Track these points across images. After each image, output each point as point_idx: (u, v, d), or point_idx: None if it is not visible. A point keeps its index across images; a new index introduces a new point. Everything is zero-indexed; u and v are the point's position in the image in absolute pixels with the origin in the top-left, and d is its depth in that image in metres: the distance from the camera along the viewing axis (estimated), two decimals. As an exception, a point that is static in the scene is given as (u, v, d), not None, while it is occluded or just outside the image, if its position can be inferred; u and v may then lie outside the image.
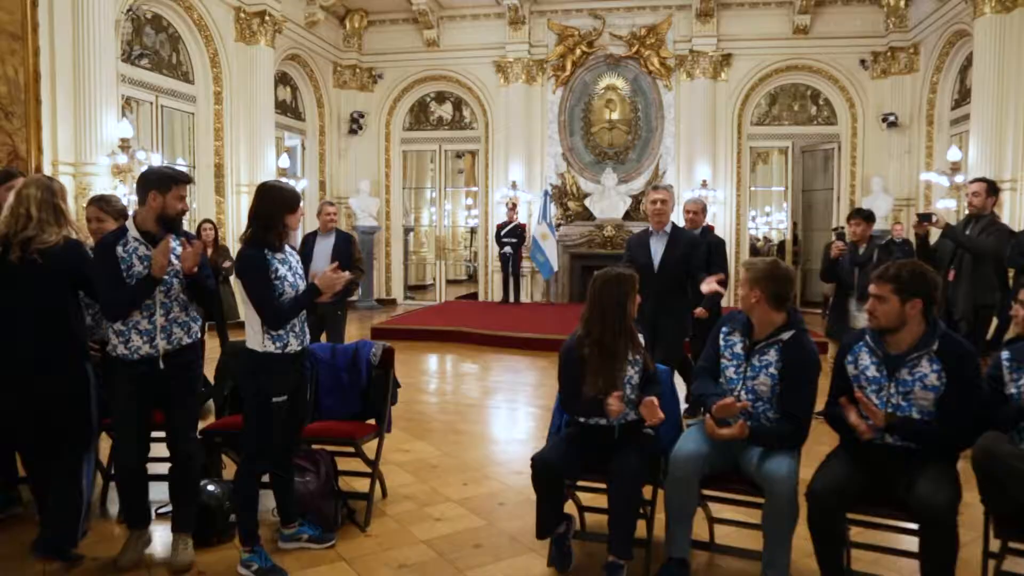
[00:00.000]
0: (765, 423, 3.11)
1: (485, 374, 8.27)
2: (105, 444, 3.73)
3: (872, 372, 2.97)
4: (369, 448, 3.95)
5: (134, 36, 9.75)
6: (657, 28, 13.69)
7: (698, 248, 5.24)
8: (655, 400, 3.14)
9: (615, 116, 14.22)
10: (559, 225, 13.83)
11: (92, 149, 7.95)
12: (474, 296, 15.65)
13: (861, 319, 6.15)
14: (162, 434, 3.41)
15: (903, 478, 2.80)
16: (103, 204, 3.83)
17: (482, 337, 9.97)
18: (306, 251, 6.38)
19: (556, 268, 13.43)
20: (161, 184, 3.26)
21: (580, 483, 3.43)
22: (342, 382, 4.11)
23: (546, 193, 13.82)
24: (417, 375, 8.14)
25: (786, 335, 3.09)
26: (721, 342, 3.26)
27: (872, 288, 2.94)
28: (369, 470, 3.90)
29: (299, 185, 13.44)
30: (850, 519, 2.95)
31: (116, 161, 8.11)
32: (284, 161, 12.29)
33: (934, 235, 5.61)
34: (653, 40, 13.71)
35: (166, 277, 3.20)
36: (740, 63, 13.59)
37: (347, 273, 3.41)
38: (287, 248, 3.39)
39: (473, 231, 18.13)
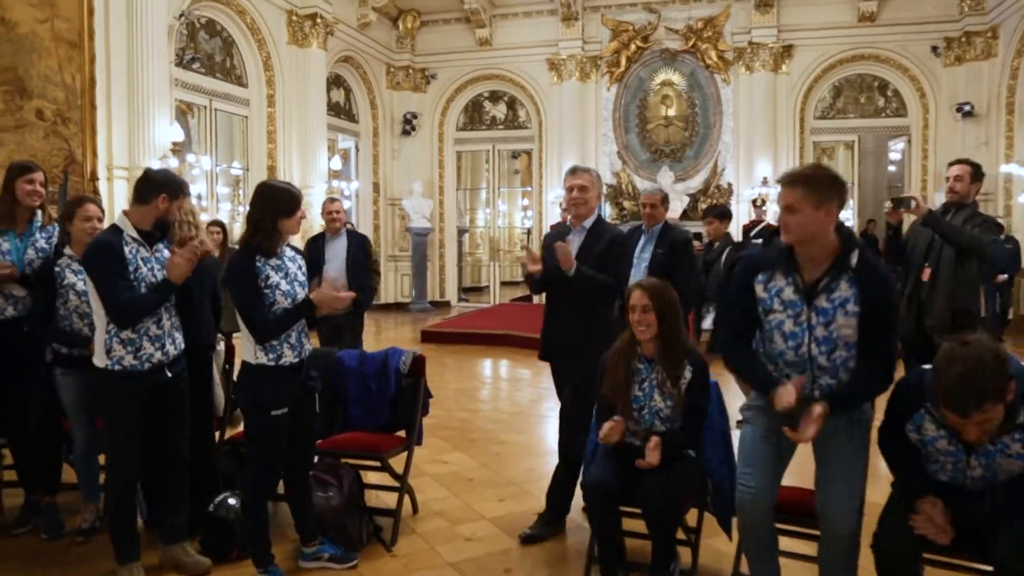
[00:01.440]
0: (844, 378, 2.53)
1: (536, 380, 8.03)
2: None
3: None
4: (400, 461, 3.80)
5: (188, 41, 9.87)
6: (714, 20, 13.26)
7: (616, 246, 3.80)
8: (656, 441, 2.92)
9: (671, 112, 13.83)
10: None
11: (145, 153, 8.03)
12: (529, 299, 15.45)
13: (708, 320, 5.71)
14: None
15: (984, 524, 2.42)
16: None
17: (535, 341, 9.73)
18: (314, 256, 5.49)
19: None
20: (174, 190, 3.16)
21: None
22: (370, 391, 3.96)
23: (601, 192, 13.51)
24: (465, 380, 7.99)
25: (852, 259, 2.46)
26: (762, 293, 2.58)
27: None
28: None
29: (351, 187, 13.50)
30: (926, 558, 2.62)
31: (167, 164, 8.17)
32: (336, 163, 12.31)
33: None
34: (710, 33, 13.28)
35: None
36: (802, 54, 13.05)
37: (351, 293, 3.24)
38: (288, 253, 3.20)
39: (529, 232, 17.94)
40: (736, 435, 3.06)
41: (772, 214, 12.46)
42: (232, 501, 3.44)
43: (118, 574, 3.12)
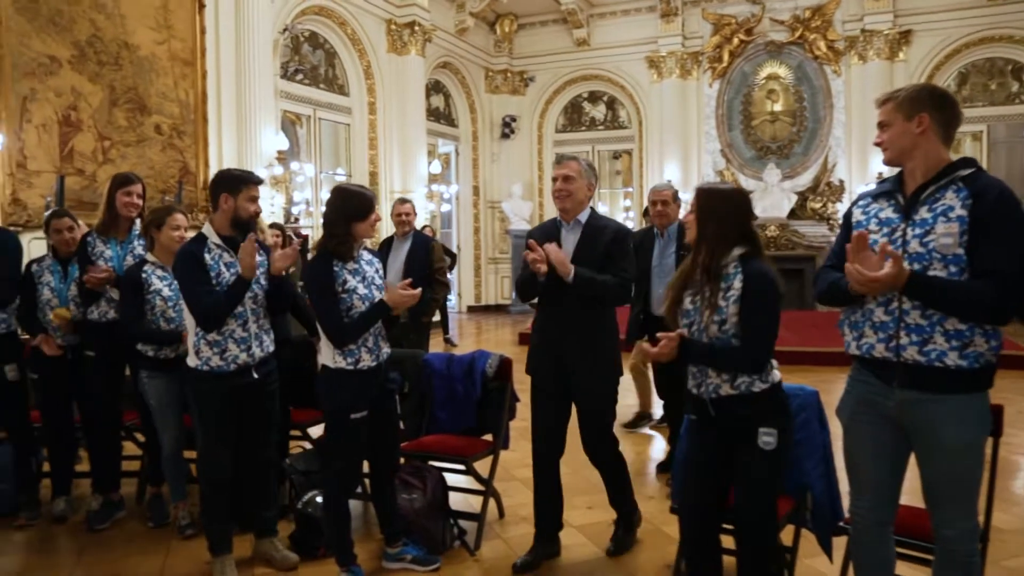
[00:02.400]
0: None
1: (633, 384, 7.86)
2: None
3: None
4: (486, 465, 3.77)
5: (292, 54, 10.25)
6: (823, 9, 12.64)
7: (619, 242, 3.33)
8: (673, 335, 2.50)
9: (778, 107, 13.30)
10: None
11: (252, 162, 8.38)
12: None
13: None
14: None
15: None
16: None
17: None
18: (380, 259, 5.41)
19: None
20: (231, 186, 3.19)
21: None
22: (456, 394, 3.95)
23: (703, 192, 13.14)
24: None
25: (965, 171, 2.22)
26: (859, 216, 2.39)
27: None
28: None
29: (451, 190, 13.68)
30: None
31: (273, 172, 8.52)
32: (436, 167, 12.50)
33: None
34: (819, 22, 12.66)
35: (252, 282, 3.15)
36: (921, 40, 12.23)
37: (419, 291, 3.15)
38: (365, 256, 3.21)
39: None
40: (838, 446, 2.83)
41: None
42: (320, 499, 3.50)
43: (212, 565, 3.24)
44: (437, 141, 13.84)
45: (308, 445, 4.24)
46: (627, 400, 6.04)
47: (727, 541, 2.82)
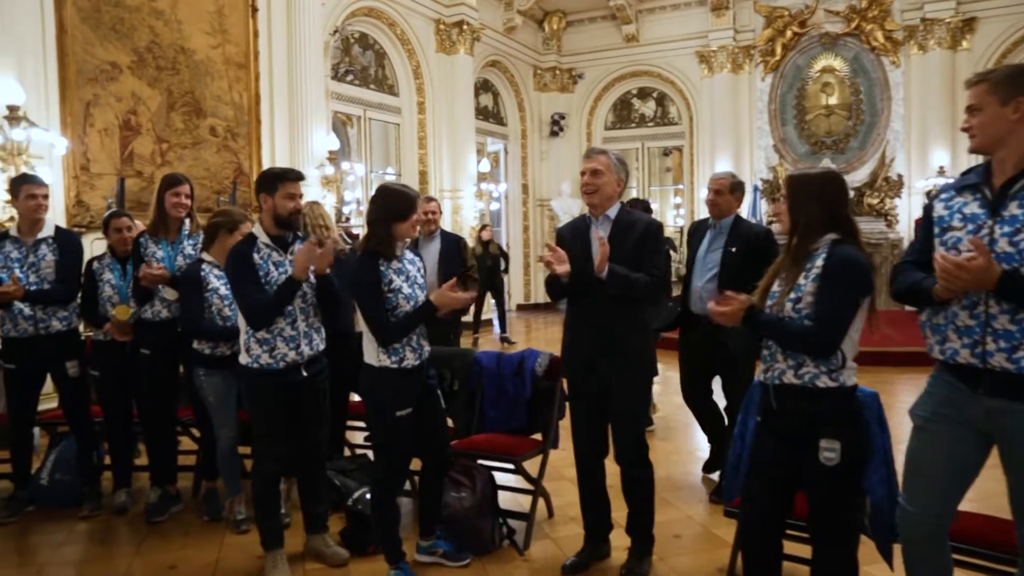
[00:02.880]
0: None
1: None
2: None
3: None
4: (535, 464, 3.76)
5: (343, 55, 10.38)
6: (881, -2, 12.27)
7: (651, 238, 3.20)
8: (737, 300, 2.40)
9: (833, 101, 12.97)
10: (770, 223, 12.84)
11: (304, 162, 8.50)
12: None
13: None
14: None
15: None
16: None
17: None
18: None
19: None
20: (268, 185, 3.21)
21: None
22: (506, 392, 3.95)
23: (756, 188, 12.94)
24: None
25: None
26: (941, 210, 2.25)
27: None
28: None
29: (500, 189, 13.69)
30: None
31: (324, 173, 8.63)
32: (485, 166, 12.53)
33: None
34: (876, 12, 12.28)
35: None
36: (986, 27, 11.76)
37: (471, 293, 3.13)
38: (408, 256, 3.21)
39: (682, 231, 17.46)
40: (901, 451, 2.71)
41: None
42: (369, 496, 3.53)
43: (264, 559, 3.29)
44: (486, 140, 13.88)
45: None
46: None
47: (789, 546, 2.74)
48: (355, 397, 4.17)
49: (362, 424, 4.40)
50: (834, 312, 2.30)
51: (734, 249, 4.02)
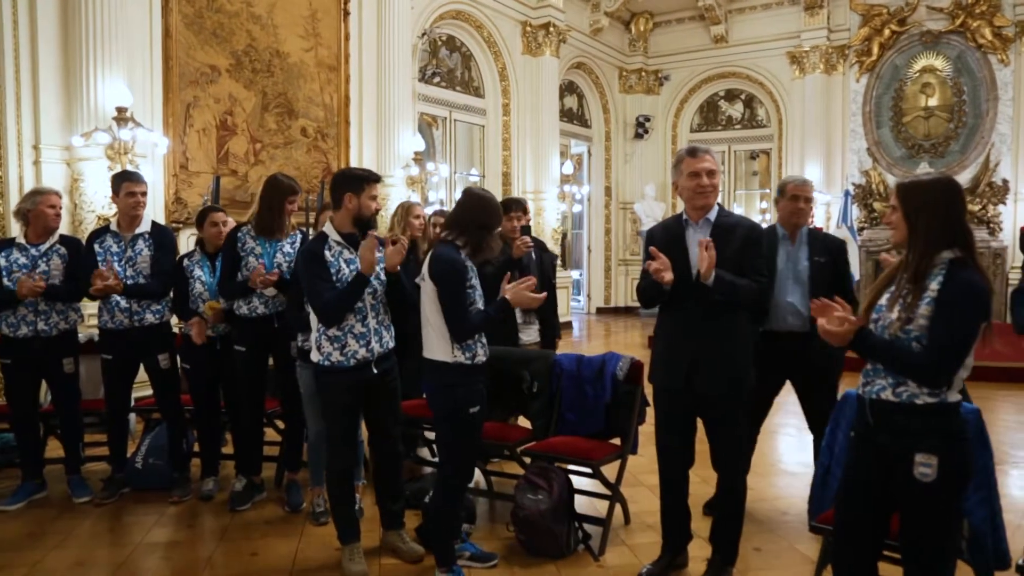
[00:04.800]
0: None
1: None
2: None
3: None
4: (613, 469, 3.71)
5: (430, 58, 10.53)
6: (990, -7, 11.62)
7: (755, 243, 3.10)
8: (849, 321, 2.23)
9: (933, 102, 12.36)
10: (862, 229, 12.37)
11: (390, 163, 8.68)
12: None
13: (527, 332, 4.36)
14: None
15: None
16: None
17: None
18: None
19: (858, 277, 12.00)
20: (355, 185, 3.27)
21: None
22: (586, 396, 3.91)
23: (847, 193, 12.45)
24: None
25: None
26: None
27: None
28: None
29: (583, 191, 13.63)
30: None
31: (410, 173, 8.77)
32: (568, 168, 12.49)
33: None
34: (984, 7, 11.63)
35: (372, 278, 3.22)
36: (1107, 25, 11.03)
37: (544, 294, 3.14)
38: None
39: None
40: (1009, 473, 2.53)
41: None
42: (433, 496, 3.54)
43: (341, 552, 3.35)
44: (570, 141, 13.83)
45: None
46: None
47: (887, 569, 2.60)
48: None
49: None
50: (954, 343, 2.17)
51: (821, 260, 3.81)
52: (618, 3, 13.22)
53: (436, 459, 4.30)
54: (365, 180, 3.30)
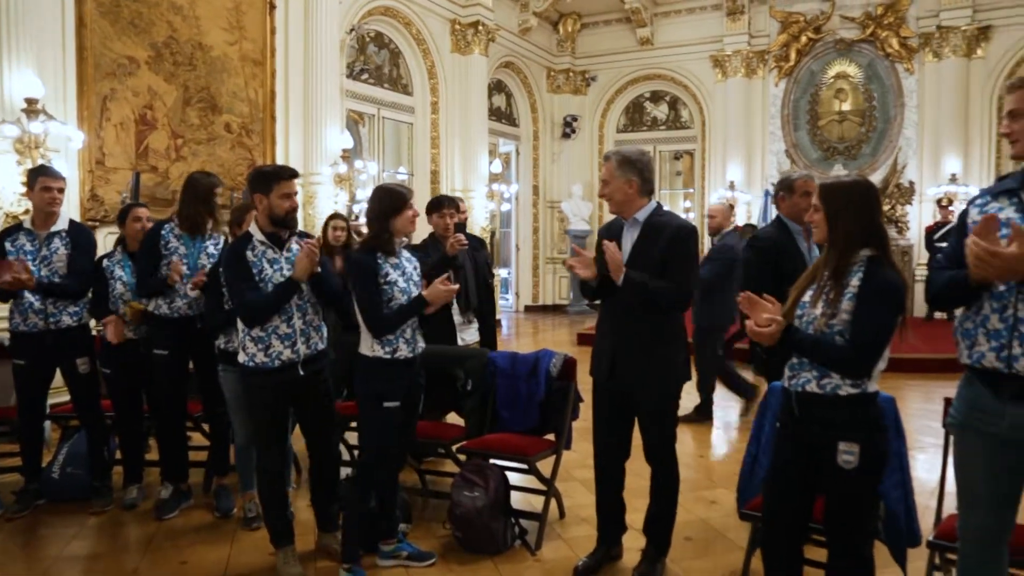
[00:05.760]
0: None
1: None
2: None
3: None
4: (547, 465, 3.75)
5: (358, 54, 10.39)
6: (896, 5, 12.21)
7: (680, 243, 3.08)
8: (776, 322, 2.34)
9: (846, 107, 12.93)
10: (764, 229, 12.81)
11: (317, 160, 8.53)
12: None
13: (467, 332, 4.63)
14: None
15: None
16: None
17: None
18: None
19: (776, 273, 12.45)
20: (262, 185, 3.18)
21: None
22: (520, 393, 3.94)
23: (767, 193, 12.88)
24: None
25: None
26: (977, 216, 2.24)
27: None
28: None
29: (511, 190, 13.69)
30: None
31: (338, 171, 8.64)
32: (497, 167, 12.53)
33: None
34: (892, 19, 12.24)
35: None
36: (1001, 35, 11.70)
37: (456, 286, 3.24)
38: (405, 254, 3.30)
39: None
40: (917, 458, 2.69)
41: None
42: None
43: (276, 556, 3.29)
44: (498, 140, 13.88)
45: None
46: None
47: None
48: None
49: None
50: (875, 338, 2.30)
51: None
52: (547, 3, 13.33)
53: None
54: (273, 178, 3.18)
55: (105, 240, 6.18)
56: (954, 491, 2.38)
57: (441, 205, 4.58)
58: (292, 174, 3.25)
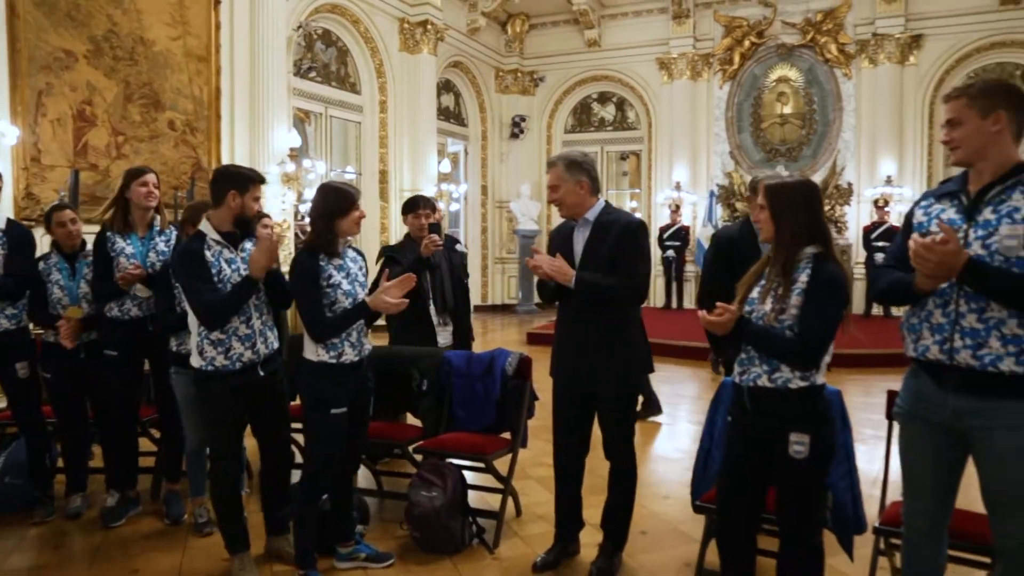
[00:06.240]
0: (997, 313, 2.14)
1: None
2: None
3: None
4: (504, 463, 3.76)
5: (305, 52, 10.25)
6: (835, 12, 12.60)
7: (629, 239, 3.17)
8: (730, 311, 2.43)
9: (787, 110, 13.27)
10: (726, 227, 13.09)
11: (264, 159, 8.37)
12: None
13: (445, 334, 4.65)
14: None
15: None
16: None
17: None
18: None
19: (722, 272, 12.70)
20: (241, 183, 3.16)
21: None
22: (476, 392, 3.95)
23: (712, 194, 13.17)
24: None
25: None
26: (921, 217, 2.34)
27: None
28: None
29: (460, 190, 13.67)
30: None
31: (285, 170, 8.51)
32: (445, 166, 12.50)
33: None
34: (830, 26, 12.62)
35: None
36: (932, 44, 12.19)
37: (406, 300, 3.15)
38: (350, 254, 3.22)
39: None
40: (859, 449, 2.79)
41: (896, 215, 11.78)
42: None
43: (230, 562, 3.23)
44: (447, 140, 13.85)
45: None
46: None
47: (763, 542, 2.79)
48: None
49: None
50: (823, 330, 2.40)
51: None
52: (495, 4, 13.35)
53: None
54: (251, 180, 3.19)
55: (42, 240, 5.97)
56: (896, 480, 2.49)
57: (417, 206, 4.54)
58: (263, 180, 3.29)
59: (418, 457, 3.88)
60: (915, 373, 2.35)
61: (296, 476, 3.53)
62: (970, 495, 2.42)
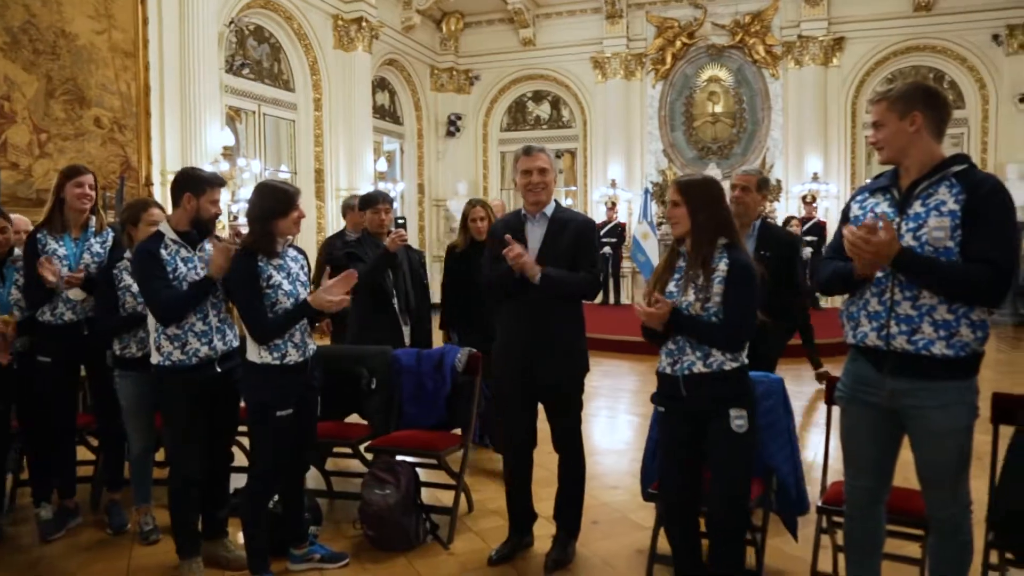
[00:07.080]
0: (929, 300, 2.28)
1: (591, 378, 7.94)
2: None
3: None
4: (456, 459, 3.78)
5: (237, 48, 10.02)
6: (762, 15, 13.01)
7: (587, 236, 3.27)
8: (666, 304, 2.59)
9: (718, 109, 13.63)
10: (660, 223, 13.35)
11: (197, 158, 8.16)
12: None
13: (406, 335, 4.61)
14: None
15: None
16: None
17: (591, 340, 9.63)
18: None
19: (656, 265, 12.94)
20: (196, 187, 3.16)
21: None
22: (426, 389, 3.95)
23: (646, 191, 13.39)
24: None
25: (957, 167, 2.30)
26: (857, 211, 2.48)
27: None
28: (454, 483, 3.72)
29: (396, 188, 13.57)
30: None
31: (219, 169, 8.30)
32: (382, 165, 12.39)
33: None
34: (758, 27, 13.03)
35: None
36: (853, 47, 12.71)
37: (347, 297, 3.12)
38: (291, 253, 3.20)
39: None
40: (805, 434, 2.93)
41: (823, 211, 12.24)
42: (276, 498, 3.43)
43: (180, 568, 3.15)
44: (382, 138, 13.72)
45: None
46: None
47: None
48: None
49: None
50: (746, 313, 2.62)
51: (766, 254, 3.52)
52: (430, 2, 13.30)
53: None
54: (208, 183, 3.19)
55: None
56: (835, 462, 2.62)
57: (375, 201, 4.47)
58: (223, 183, 3.29)
59: (368, 456, 3.85)
60: (854, 358, 2.49)
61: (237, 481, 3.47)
62: (904, 473, 2.57)
